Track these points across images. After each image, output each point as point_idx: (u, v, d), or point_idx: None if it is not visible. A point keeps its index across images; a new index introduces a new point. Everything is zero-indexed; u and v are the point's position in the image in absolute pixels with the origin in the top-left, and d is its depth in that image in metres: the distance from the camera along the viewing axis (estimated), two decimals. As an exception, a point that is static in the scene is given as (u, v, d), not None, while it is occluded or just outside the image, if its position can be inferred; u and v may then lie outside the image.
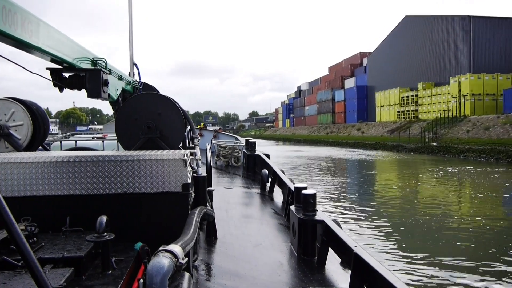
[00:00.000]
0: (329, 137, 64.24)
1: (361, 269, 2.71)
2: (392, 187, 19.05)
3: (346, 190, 18.43)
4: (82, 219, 2.67)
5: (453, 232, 10.77)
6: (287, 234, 4.55)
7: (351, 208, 13.81)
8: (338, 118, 73.79)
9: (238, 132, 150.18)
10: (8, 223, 1.41)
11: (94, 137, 9.83)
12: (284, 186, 6.08)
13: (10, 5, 1.92)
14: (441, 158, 32.33)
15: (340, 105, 73.21)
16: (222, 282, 3.15)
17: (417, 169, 25.99)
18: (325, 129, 72.51)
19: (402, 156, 35.92)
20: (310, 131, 79.21)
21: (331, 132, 67.61)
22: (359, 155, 38.78)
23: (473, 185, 18.65)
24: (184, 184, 2.97)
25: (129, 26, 5.11)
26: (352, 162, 32.50)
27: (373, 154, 38.75)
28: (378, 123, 56.99)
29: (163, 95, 4.16)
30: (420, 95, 50.02)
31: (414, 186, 19.14)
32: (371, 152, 41.82)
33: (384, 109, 58.19)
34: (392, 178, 22.29)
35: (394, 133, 47.45)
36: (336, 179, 21.95)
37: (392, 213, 13.08)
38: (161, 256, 1.82)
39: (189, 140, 5.22)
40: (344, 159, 35.32)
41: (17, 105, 3.93)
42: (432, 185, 19.19)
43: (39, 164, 2.85)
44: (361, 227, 11.32)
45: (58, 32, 2.53)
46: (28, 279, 1.89)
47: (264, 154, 9.33)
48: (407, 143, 41.07)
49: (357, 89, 67.71)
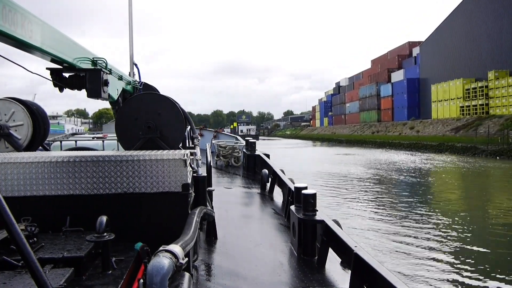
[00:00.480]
0: (376, 137, 57.04)
1: (361, 269, 2.70)
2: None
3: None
4: (82, 219, 2.67)
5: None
6: (287, 234, 4.55)
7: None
8: (384, 115, 66.47)
9: (273, 131, 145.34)
10: (8, 223, 1.40)
11: (94, 137, 9.83)
12: (284, 186, 6.08)
13: (10, 5, 1.92)
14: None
15: (387, 101, 65.48)
16: (222, 282, 3.15)
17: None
18: (370, 127, 65.33)
19: (496, 164, 27.08)
20: (352, 130, 72.59)
21: (377, 131, 60.30)
22: (430, 160, 30.43)
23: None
24: (184, 184, 2.97)
25: (129, 27, 5.11)
26: (442, 174, 23.86)
27: (449, 160, 30.51)
28: (436, 120, 49.01)
29: (163, 95, 4.16)
30: (491, 86, 41.34)
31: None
32: (439, 156, 33.96)
33: (443, 104, 49.58)
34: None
35: (460, 132, 39.93)
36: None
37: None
38: (161, 256, 1.82)
39: (189, 140, 5.22)
40: (421, 168, 26.15)
41: (17, 105, 3.93)
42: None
43: (39, 164, 2.85)
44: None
45: (58, 32, 2.53)
46: (28, 279, 1.89)
47: (264, 153, 9.34)
48: (484, 144, 32.67)
49: (407, 83, 59.65)
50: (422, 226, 11.55)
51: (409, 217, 12.65)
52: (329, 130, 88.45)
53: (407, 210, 13.79)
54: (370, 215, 13.29)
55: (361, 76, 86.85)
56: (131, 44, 5.10)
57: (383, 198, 16.58)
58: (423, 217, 12.71)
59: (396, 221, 12.24)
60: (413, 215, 12.94)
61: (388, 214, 13.42)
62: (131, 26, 5.12)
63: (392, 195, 17.42)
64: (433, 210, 13.87)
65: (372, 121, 70.16)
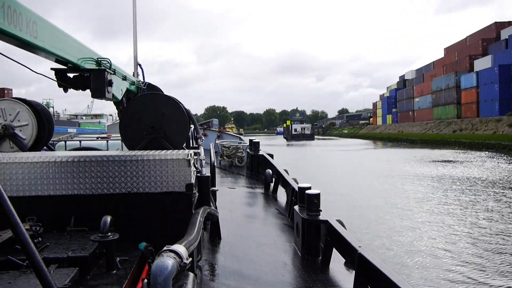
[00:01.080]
0: (460, 136, 46.18)
1: (366, 269, 2.69)
2: None
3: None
4: (86, 219, 2.67)
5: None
6: (291, 234, 4.54)
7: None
8: (466, 110, 54.82)
9: (328, 130, 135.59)
10: (13, 223, 1.41)
11: (98, 137, 9.87)
12: (288, 186, 6.07)
13: (15, 6, 1.93)
14: None
15: (469, 93, 53.84)
16: (226, 282, 3.15)
17: None
18: (449, 125, 54.41)
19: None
20: (424, 128, 61.68)
21: (459, 129, 49.17)
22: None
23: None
24: (188, 184, 2.97)
25: (133, 27, 5.12)
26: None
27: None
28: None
29: (167, 95, 4.16)
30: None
31: None
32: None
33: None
34: None
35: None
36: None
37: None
38: (165, 256, 1.82)
39: (193, 140, 5.22)
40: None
41: (22, 105, 3.94)
42: None
43: (43, 164, 2.86)
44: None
45: (63, 32, 2.54)
46: (33, 279, 1.89)
47: (268, 154, 9.34)
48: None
49: (499, 70, 47.33)
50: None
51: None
52: (395, 128, 75.98)
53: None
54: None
55: (432, 67, 74.51)
56: (135, 44, 5.12)
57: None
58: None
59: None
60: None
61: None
62: (135, 26, 5.13)
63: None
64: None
65: (449, 117, 58.36)
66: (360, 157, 36.63)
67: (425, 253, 8.85)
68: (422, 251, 9.04)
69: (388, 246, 9.47)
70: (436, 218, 12.06)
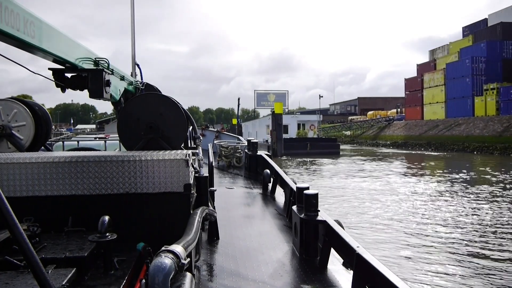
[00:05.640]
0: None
1: (364, 269, 2.70)
2: None
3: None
4: (84, 219, 2.67)
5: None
6: (289, 234, 4.55)
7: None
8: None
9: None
10: (11, 223, 1.41)
11: (96, 137, 9.87)
12: (286, 186, 6.07)
13: (13, 6, 1.92)
14: None
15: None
16: (224, 283, 3.15)
17: None
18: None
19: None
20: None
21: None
22: None
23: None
24: (186, 184, 2.97)
25: (131, 27, 5.12)
26: None
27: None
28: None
29: (165, 95, 4.16)
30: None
31: None
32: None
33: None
34: None
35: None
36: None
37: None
38: (163, 256, 1.82)
39: (191, 140, 5.22)
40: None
41: (19, 105, 3.94)
42: None
43: (41, 164, 2.86)
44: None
45: (60, 32, 2.53)
46: (31, 279, 1.89)
47: (266, 154, 9.33)
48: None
49: None
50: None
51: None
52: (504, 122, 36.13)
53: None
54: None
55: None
56: (133, 44, 5.11)
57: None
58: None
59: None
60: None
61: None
62: (133, 26, 5.13)
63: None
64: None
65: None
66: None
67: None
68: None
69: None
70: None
